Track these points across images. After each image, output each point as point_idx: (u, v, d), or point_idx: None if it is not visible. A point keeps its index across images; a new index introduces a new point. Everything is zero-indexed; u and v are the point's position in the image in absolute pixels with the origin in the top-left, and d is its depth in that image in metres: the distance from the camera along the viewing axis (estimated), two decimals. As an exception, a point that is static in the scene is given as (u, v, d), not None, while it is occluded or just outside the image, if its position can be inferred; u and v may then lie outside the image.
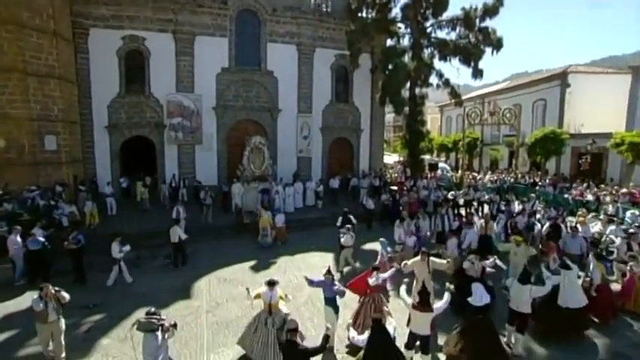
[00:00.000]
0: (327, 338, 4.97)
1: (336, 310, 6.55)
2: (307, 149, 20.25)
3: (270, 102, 19.42)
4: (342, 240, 10.60)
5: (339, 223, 12.43)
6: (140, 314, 7.77)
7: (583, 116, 21.08)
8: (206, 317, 7.82)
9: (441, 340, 6.73)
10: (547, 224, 10.77)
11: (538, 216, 11.48)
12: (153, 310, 4.86)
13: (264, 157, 16.39)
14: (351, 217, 12.82)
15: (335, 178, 18.54)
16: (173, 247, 10.62)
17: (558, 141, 18.52)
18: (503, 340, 6.70)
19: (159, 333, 4.71)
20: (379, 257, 9.41)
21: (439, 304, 5.80)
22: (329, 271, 6.57)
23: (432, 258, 7.48)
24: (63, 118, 14.34)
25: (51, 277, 8.54)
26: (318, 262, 11.24)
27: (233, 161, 17.81)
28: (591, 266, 7.86)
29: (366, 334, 5.00)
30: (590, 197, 15.34)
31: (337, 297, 6.45)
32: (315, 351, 4.66)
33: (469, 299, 6.00)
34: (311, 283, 6.66)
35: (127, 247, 9.41)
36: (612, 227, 10.99)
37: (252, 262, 11.10)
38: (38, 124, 13.72)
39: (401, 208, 15.74)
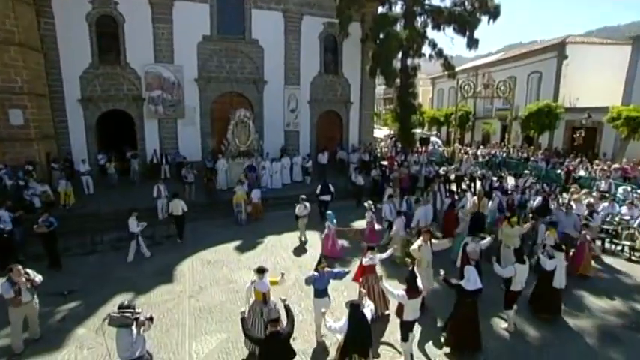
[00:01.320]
0: (288, 309, 4.91)
1: (329, 299, 6.34)
2: (295, 123, 19.68)
3: (255, 73, 18.61)
4: (296, 210, 10.90)
5: (318, 191, 12.94)
6: (120, 300, 7.54)
7: (579, 89, 20.80)
8: (188, 302, 7.58)
9: (441, 322, 6.71)
10: (538, 199, 10.66)
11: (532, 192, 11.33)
12: (126, 303, 4.54)
13: (249, 132, 15.86)
14: (331, 186, 13.08)
15: (324, 153, 18.15)
16: (175, 221, 10.80)
17: (553, 115, 18.30)
18: (504, 325, 6.75)
19: (134, 327, 4.41)
20: (326, 230, 9.83)
21: (423, 283, 5.73)
22: (321, 261, 6.25)
23: (432, 239, 7.27)
24: (29, 90, 13.40)
25: (23, 263, 8.13)
26: (307, 242, 11.05)
27: (218, 136, 17.21)
28: (544, 233, 8.10)
29: (343, 320, 4.82)
30: (582, 173, 15.32)
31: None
32: (292, 327, 4.68)
33: (461, 282, 5.87)
34: (310, 280, 6.23)
35: (144, 224, 9.58)
36: (605, 204, 10.99)
37: (238, 243, 10.84)
38: (0, 97, 12.83)
39: (391, 184, 15.59)
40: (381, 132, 33.77)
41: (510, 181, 13.68)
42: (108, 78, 15.96)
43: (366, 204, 10.62)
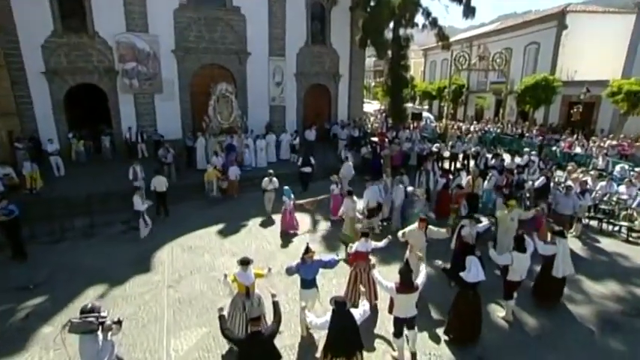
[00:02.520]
0: (277, 305, 4.64)
1: (317, 289, 6.07)
2: (280, 97, 18.94)
3: (237, 44, 17.65)
4: (262, 183, 11.11)
5: (299, 163, 13.30)
6: (92, 293, 7.14)
7: (577, 62, 20.38)
8: (167, 293, 7.20)
9: (435, 314, 6.54)
10: (540, 178, 10.41)
11: (536, 174, 11.03)
12: (90, 306, 4.09)
13: (232, 107, 15.16)
14: (312, 157, 13.46)
15: (311, 129, 17.58)
16: (159, 198, 10.65)
17: (550, 89, 17.94)
18: (502, 314, 6.56)
19: (99, 333, 4.00)
20: (283, 206, 9.95)
21: (420, 280, 5.37)
22: (308, 249, 5.88)
23: (429, 226, 6.93)
24: (-22, 60, 12.31)
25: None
26: (314, 232, 10.66)
27: (198, 112, 16.41)
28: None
29: (327, 315, 4.50)
30: (578, 150, 15.16)
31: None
32: (277, 326, 4.39)
33: (462, 274, 5.60)
34: (292, 271, 5.91)
35: (149, 202, 9.46)
36: (602, 183, 10.83)
37: (220, 226, 10.42)
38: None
39: (382, 161, 15.24)
40: (371, 106, 33.14)
41: (507, 159, 13.40)
42: (74, 48, 14.85)
43: (331, 177, 10.80)
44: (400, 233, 7.04)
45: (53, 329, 6.03)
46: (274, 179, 11.08)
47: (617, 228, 9.96)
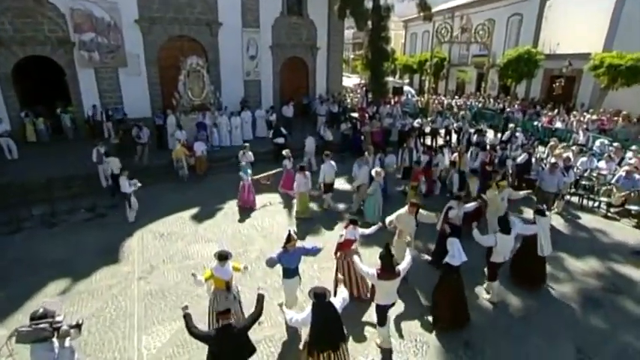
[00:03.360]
0: (261, 299, 4.46)
1: (299, 277, 5.88)
2: (255, 71, 18.15)
3: (207, 14, 16.60)
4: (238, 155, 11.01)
5: (271, 135, 13.61)
6: (53, 289, 6.68)
7: (559, 35, 20.29)
8: (137, 286, 6.83)
9: (422, 299, 6.47)
10: (522, 155, 10.39)
11: (519, 151, 10.98)
12: (41, 311, 3.70)
13: (203, 83, 14.37)
14: (283, 129, 13.71)
15: (289, 104, 17.00)
16: (113, 181, 10.08)
17: (532, 62, 17.88)
18: (487, 297, 6.55)
19: (55, 340, 3.64)
20: (240, 183, 9.97)
21: (403, 266, 5.21)
22: (290, 237, 5.54)
23: (420, 210, 6.69)
24: None
25: None
26: (276, 207, 10.39)
27: (168, 88, 15.51)
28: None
29: (307, 310, 4.32)
30: (559, 125, 15.28)
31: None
32: (252, 320, 4.23)
33: (447, 259, 5.51)
34: (273, 262, 5.58)
35: (137, 183, 9.06)
36: (583, 159, 10.93)
37: (195, 210, 9.99)
38: None
39: (362, 138, 14.99)
40: (350, 80, 32.52)
41: (490, 135, 13.40)
42: (20, 15, 13.43)
43: (284, 152, 10.80)
44: (388, 220, 6.80)
45: (8, 332, 5.58)
46: (249, 153, 10.97)
47: (596, 204, 10.12)
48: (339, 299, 4.49)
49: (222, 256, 5.10)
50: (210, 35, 16.88)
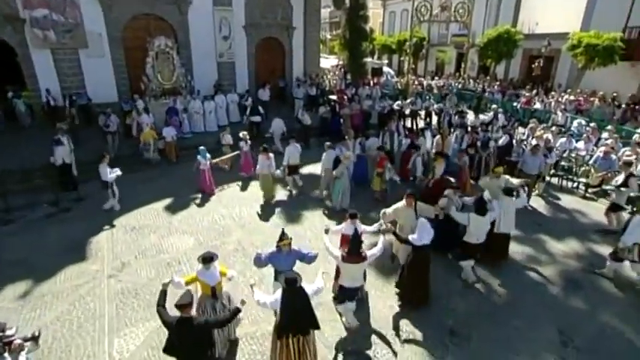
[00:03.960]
0: (237, 312, 4.25)
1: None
2: (229, 53, 17.48)
3: (175, -11, 15.77)
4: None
5: (247, 113, 13.99)
6: (11, 294, 6.21)
7: (538, 14, 20.36)
8: (108, 285, 6.50)
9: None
10: (504, 137, 10.43)
11: (500, 132, 11.00)
12: (-9, 325, 3.40)
13: (173, 65, 13.76)
14: (260, 108, 13.99)
15: (265, 87, 16.52)
16: (62, 171, 9.39)
17: (511, 42, 17.91)
18: (470, 280, 6.59)
19: (7, 355, 3.34)
20: (201, 165, 9.83)
21: (373, 251, 5.19)
22: (284, 235, 5.11)
23: (418, 203, 6.47)
24: None
25: None
26: (251, 194, 10.12)
27: (135, 71, 14.74)
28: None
29: (277, 294, 4.29)
30: (538, 105, 15.46)
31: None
32: (215, 323, 4.11)
33: (410, 237, 5.60)
34: (261, 260, 5.17)
35: (118, 171, 8.72)
36: (562, 140, 11.08)
37: (168, 201, 9.62)
38: None
39: (341, 121, 14.77)
40: (328, 62, 31.94)
41: (470, 116, 13.41)
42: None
43: (240, 134, 10.85)
44: (382, 213, 6.56)
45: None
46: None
47: (575, 184, 10.32)
48: (314, 287, 4.46)
49: (207, 259, 4.71)
50: (179, 14, 16.07)
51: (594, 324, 5.79)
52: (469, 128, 11.13)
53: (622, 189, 7.92)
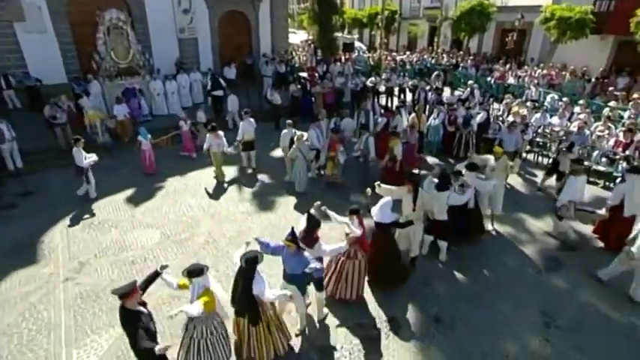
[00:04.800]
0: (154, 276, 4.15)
1: (303, 289, 4.89)
2: (190, 28, 16.43)
3: (124, -44, 14.51)
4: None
5: (208, 87, 13.68)
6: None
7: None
8: (64, 289, 5.98)
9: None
10: (481, 113, 10.35)
11: (477, 109, 10.90)
12: None
13: (128, 42, 12.74)
14: (221, 80, 13.58)
15: (230, 65, 15.73)
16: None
17: (485, 15, 17.80)
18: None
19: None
20: (142, 146, 9.55)
21: (330, 247, 4.98)
22: (293, 236, 4.55)
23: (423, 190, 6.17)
24: None
25: None
26: (220, 181, 9.65)
27: (86, 49, 13.57)
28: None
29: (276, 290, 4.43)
30: (511, 80, 15.54)
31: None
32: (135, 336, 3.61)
33: (372, 211, 5.55)
34: (265, 246, 4.75)
35: (94, 157, 8.40)
36: (537, 115, 11.14)
37: (130, 192, 9.04)
38: None
39: (313, 100, 14.33)
40: (296, 37, 30.99)
41: (446, 93, 13.29)
42: None
43: (180, 114, 10.86)
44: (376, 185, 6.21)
45: None
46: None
47: (550, 160, 10.42)
48: (276, 292, 4.33)
49: (194, 272, 4.05)
50: (131, -16, 14.86)
51: (575, 303, 5.86)
52: (446, 105, 10.97)
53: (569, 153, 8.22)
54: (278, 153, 10.72)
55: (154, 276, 4.17)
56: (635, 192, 6.39)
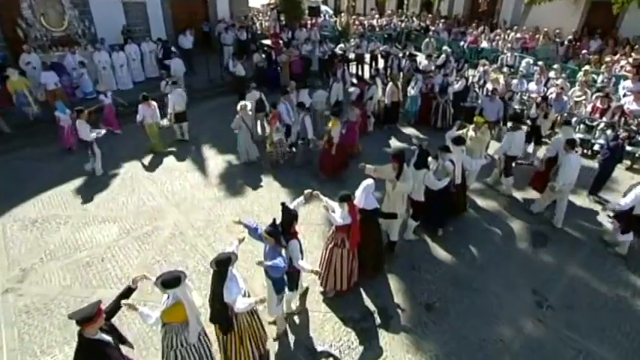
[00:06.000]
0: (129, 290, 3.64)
1: (279, 287, 4.44)
2: (136, -10, 14.91)
3: None
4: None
5: (160, 55, 12.95)
6: None
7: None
8: (3, 303, 5.28)
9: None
10: (460, 81, 10.06)
11: (454, 76, 10.55)
12: None
13: (62, 6, 11.30)
14: (173, 48, 12.89)
15: (185, 33, 14.48)
16: None
17: (456, -27, 17.25)
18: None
19: None
20: (60, 122, 9.01)
21: (300, 262, 4.43)
22: (273, 229, 4.19)
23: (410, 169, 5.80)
24: None
25: None
26: (182, 164, 8.96)
27: (9, 14, 11.87)
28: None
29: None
30: (485, 44, 15.31)
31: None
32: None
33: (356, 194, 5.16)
34: (254, 231, 4.48)
35: (102, 131, 8.26)
36: (514, 81, 11.00)
37: (78, 181, 8.20)
38: None
39: (279, 69, 13.55)
40: (257, 0, 29.30)
41: (421, 59, 12.88)
42: None
43: (97, 87, 10.40)
44: (362, 166, 5.82)
45: None
46: (171, 82, 10.02)
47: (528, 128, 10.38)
48: (246, 301, 3.80)
49: (168, 284, 3.51)
50: None
51: (564, 279, 5.87)
52: (422, 73, 10.57)
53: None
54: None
55: (126, 294, 3.56)
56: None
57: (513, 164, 7.62)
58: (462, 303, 5.41)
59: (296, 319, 5.17)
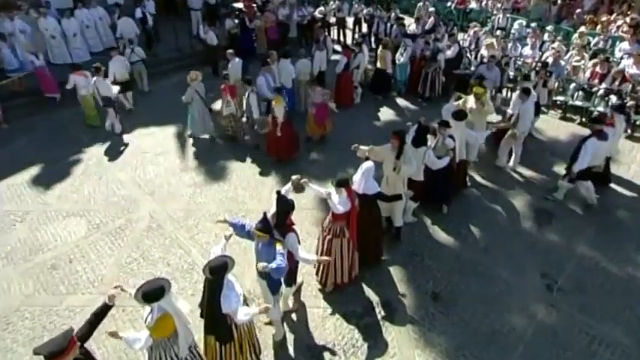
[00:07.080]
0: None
1: (275, 287, 4.20)
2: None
3: None
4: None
5: (116, 20, 11.70)
6: None
7: None
8: (-44, 318, 4.76)
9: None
10: (453, 47, 9.64)
11: (445, 41, 10.07)
12: None
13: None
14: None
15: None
16: None
17: None
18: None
19: None
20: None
21: (306, 255, 4.19)
22: (265, 224, 3.79)
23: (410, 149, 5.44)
24: None
25: None
26: (155, 145, 8.36)
27: None
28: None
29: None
30: (474, 5, 14.82)
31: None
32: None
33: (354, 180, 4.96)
34: (240, 228, 4.14)
35: (117, 88, 8.48)
36: (509, 46, 10.67)
37: (35, 170, 7.54)
38: None
39: (254, 37, 12.75)
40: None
41: (409, 23, 12.33)
42: None
43: (27, 49, 9.63)
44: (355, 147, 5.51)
45: None
46: (137, 49, 9.97)
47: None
48: (248, 311, 3.59)
49: (150, 297, 3.13)
50: None
51: (574, 259, 5.74)
52: (411, 37, 10.08)
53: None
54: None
55: (102, 313, 3.15)
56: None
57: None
58: (470, 290, 5.24)
59: (294, 316, 4.90)
